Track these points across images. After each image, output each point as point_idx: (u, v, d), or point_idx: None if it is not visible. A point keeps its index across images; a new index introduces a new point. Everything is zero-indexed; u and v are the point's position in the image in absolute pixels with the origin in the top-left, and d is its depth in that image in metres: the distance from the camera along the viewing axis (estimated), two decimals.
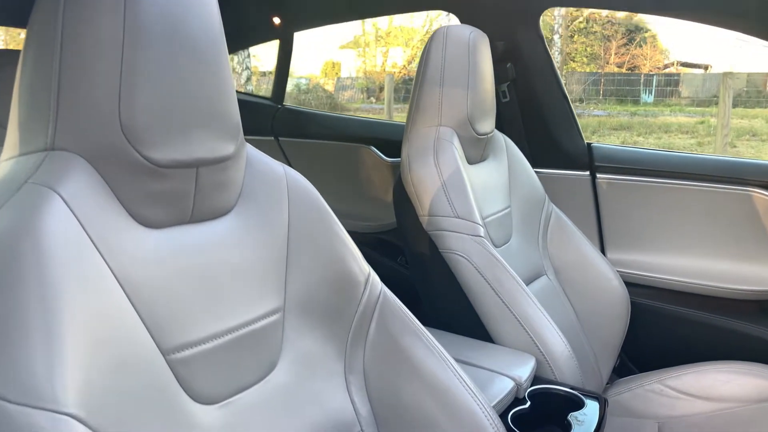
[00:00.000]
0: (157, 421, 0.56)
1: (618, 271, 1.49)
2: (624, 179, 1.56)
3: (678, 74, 13.64)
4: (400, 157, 1.26)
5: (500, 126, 1.50)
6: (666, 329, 1.52)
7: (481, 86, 1.25)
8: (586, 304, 1.46)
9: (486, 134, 1.30)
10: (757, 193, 1.43)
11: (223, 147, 0.63)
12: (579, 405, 0.97)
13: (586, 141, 1.62)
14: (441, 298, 0.89)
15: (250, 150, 0.74)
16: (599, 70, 14.08)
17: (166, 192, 0.60)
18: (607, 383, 1.47)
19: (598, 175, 1.59)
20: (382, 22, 15.15)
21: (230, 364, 0.65)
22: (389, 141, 1.87)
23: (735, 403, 1.31)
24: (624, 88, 12.29)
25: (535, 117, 1.61)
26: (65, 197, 0.54)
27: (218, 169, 0.64)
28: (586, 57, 14.46)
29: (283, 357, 0.72)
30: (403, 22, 15.05)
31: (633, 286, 1.52)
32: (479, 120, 1.26)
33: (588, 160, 1.60)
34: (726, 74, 7.18)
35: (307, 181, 0.79)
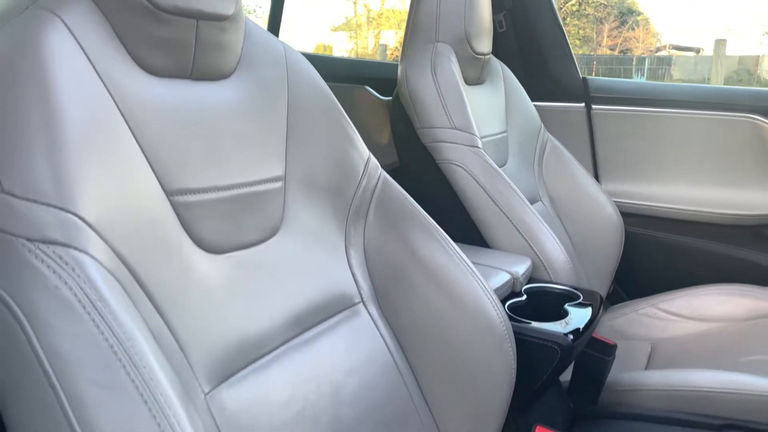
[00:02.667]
0: (161, 255, 0.56)
1: (613, 201, 1.51)
2: (618, 110, 1.57)
3: (670, 57, 13.67)
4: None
5: (496, 57, 1.50)
6: (659, 256, 1.54)
7: (477, 4, 1.25)
8: (581, 231, 1.47)
9: (483, 55, 1.30)
10: (750, 118, 1.44)
11: (223, 5, 0.63)
12: (573, 300, 0.98)
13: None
14: (438, 210, 0.89)
15: (250, 23, 0.74)
16: (592, 53, 14.09)
17: (168, 40, 0.60)
18: (601, 310, 1.49)
19: (593, 107, 1.60)
20: (374, 3, 15.06)
21: (231, 218, 0.65)
22: (385, 80, 1.87)
23: (725, 322, 1.34)
24: (617, 68, 12.31)
25: (531, 49, 1.61)
26: (69, 24, 0.54)
27: (217, 28, 0.64)
28: (579, 39, 14.45)
29: (285, 225, 0.72)
30: (395, 4, 14.96)
31: (627, 215, 1.53)
32: (476, 38, 1.26)
33: (584, 92, 1.60)
34: (718, 41, 7.19)
35: (308, 61, 0.79)
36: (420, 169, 1.17)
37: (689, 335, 1.33)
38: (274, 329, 0.66)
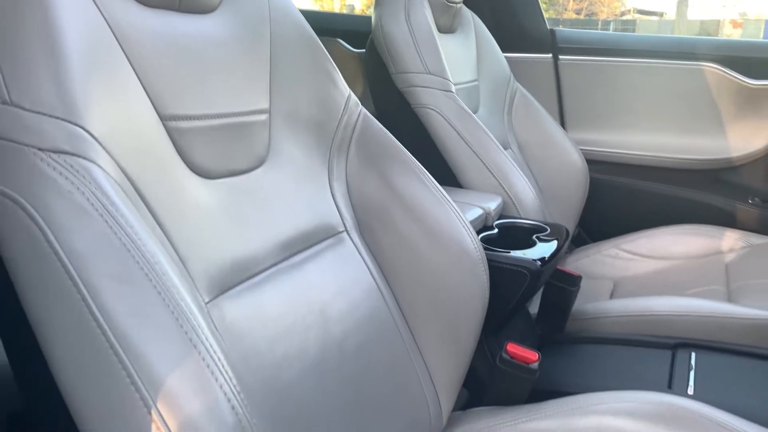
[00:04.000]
0: (159, 174, 0.59)
1: (578, 148, 1.57)
2: (585, 60, 1.62)
3: (634, 20, 13.80)
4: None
5: (467, 7, 1.53)
6: (621, 201, 1.62)
7: None
8: (548, 178, 1.53)
9: (455, 3, 1.33)
10: (709, 67, 1.51)
11: None
12: (541, 233, 1.04)
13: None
14: (413, 153, 0.93)
15: None
16: (558, 17, 14.12)
17: None
18: (566, 252, 1.57)
19: (560, 57, 1.65)
20: None
21: (221, 146, 0.68)
22: (357, 32, 1.88)
23: (683, 259, 1.43)
24: None
25: (500, 1, 1.64)
26: None
27: None
28: (545, 3, 14.47)
29: (271, 156, 0.76)
30: None
31: (591, 162, 1.60)
32: None
33: (551, 43, 1.65)
34: (680, 3, 7.31)
35: (290, 1, 0.82)
36: (395, 115, 1.20)
37: (649, 272, 1.41)
38: (265, 252, 0.69)
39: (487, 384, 0.92)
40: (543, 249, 0.96)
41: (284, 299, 0.69)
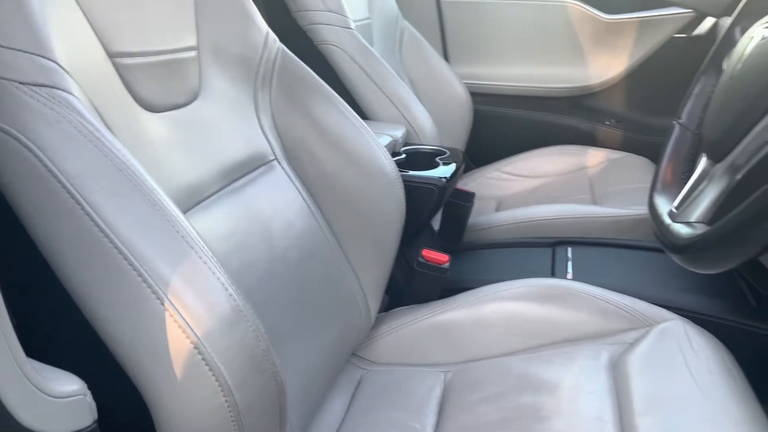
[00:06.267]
0: (115, 107, 0.64)
1: (462, 81, 1.72)
2: None
3: None
4: None
5: None
6: (500, 128, 1.81)
7: None
8: (437, 110, 1.66)
9: None
10: (571, 4, 1.70)
11: None
12: (442, 156, 1.18)
13: None
14: None
15: None
16: None
17: None
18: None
19: None
20: None
21: (161, 81, 0.73)
22: None
23: (555, 176, 1.64)
24: None
25: None
26: None
27: None
28: None
29: (203, 91, 0.81)
30: None
31: (474, 94, 1.75)
32: None
33: None
34: None
35: None
36: (298, 52, 1.26)
37: (527, 189, 1.61)
38: (210, 178, 0.76)
39: (404, 288, 1.05)
40: (445, 169, 1.09)
41: (231, 219, 0.76)
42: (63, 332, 0.53)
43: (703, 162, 0.69)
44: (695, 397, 0.72)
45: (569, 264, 1.09)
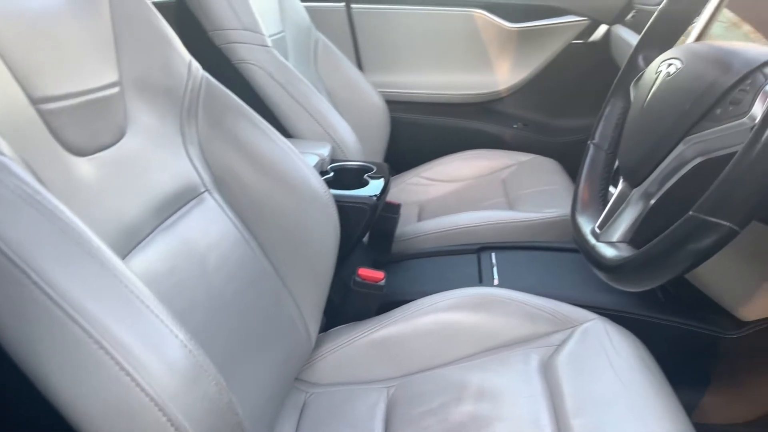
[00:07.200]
0: (43, 158, 0.61)
1: (378, 90, 1.75)
2: (374, 8, 1.78)
3: None
4: None
5: None
6: (417, 135, 1.86)
7: None
8: (355, 120, 1.68)
9: None
10: (477, 13, 1.77)
11: None
12: (369, 172, 1.20)
13: None
14: None
15: None
16: None
17: None
18: None
19: (352, 6, 1.78)
20: None
21: (88, 123, 0.70)
22: None
23: (471, 179, 1.71)
24: None
25: None
26: None
27: None
28: None
29: (129, 127, 0.79)
30: None
31: (390, 102, 1.79)
32: None
33: None
34: None
35: None
36: (217, 72, 1.24)
37: (446, 194, 1.67)
38: (144, 217, 0.74)
39: (340, 306, 1.07)
40: (375, 186, 1.12)
41: (170, 257, 0.75)
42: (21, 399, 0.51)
43: (621, 185, 0.76)
44: (621, 395, 0.79)
45: (494, 270, 1.15)
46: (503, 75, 1.85)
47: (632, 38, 1.58)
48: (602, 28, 1.79)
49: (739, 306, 0.95)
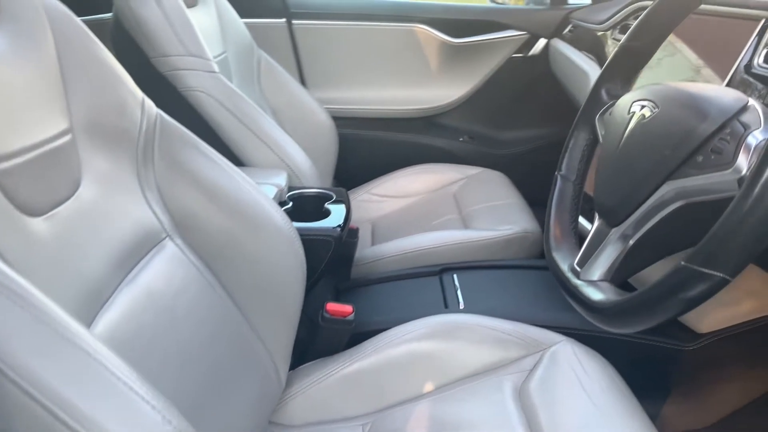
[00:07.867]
0: None
1: (324, 107, 1.72)
2: (316, 24, 1.75)
3: None
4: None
5: None
6: (365, 151, 1.84)
7: None
8: (303, 138, 1.65)
9: None
10: (419, 28, 1.78)
11: None
12: (328, 199, 1.18)
13: None
14: None
15: None
16: None
17: None
18: None
19: (293, 22, 1.74)
20: None
21: (42, 178, 0.65)
22: None
23: (422, 194, 1.71)
24: None
25: None
26: None
27: None
28: None
29: (84, 176, 0.73)
30: None
31: (336, 119, 1.77)
32: None
33: (283, 8, 1.73)
34: None
35: (67, 8, 0.77)
36: (163, 100, 1.19)
37: (398, 210, 1.66)
38: (108, 273, 0.70)
39: (307, 342, 1.04)
40: (337, 216, 1.10)
41: (138, 313, 0.71)
42: None
43: (597, 222, 0.78)
44: (596, 420, 0.81)
45: (459, 293, 1.15)
46: (447, 89, 1.86)
47: (569, 51, 1.63)
48: (541, 42, 1.83)
49: (695, 320, 0.99)
